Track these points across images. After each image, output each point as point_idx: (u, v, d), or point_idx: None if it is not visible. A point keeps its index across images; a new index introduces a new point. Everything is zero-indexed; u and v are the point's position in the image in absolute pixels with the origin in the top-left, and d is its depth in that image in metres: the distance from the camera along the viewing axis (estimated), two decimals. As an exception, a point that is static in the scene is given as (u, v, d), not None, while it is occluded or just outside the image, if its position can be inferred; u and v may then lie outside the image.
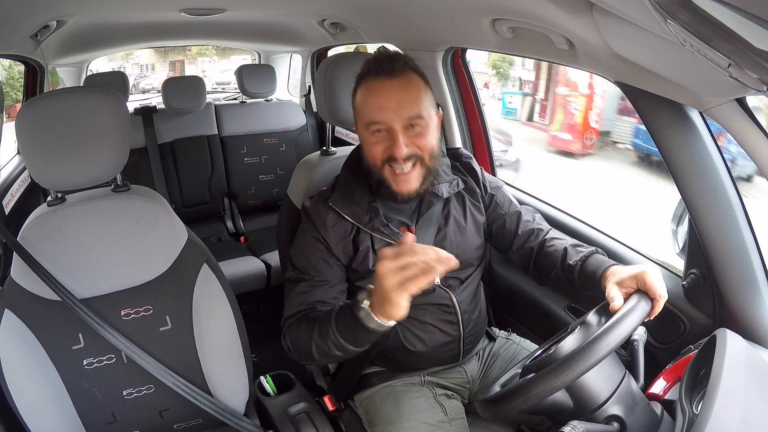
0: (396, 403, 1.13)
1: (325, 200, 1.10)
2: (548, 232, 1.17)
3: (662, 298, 0.82)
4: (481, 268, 1.21)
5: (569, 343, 0.83)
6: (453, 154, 1.22)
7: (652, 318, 0.84)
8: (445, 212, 1.14)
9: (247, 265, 2.18)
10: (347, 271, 1.11)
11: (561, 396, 0.81)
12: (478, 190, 1.19)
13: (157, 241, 1.12)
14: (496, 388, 0.92)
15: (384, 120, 0.99)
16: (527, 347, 1.26)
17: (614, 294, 0.85)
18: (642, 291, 0.83)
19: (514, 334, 1.32)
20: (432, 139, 1.03)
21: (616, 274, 0.89)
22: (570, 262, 1.04)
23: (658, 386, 0.89)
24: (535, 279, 1.17)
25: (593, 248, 1.05)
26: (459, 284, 1.16)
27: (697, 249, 1.02)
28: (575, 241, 1.11)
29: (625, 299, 0.83)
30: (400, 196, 1.04)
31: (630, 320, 0.76)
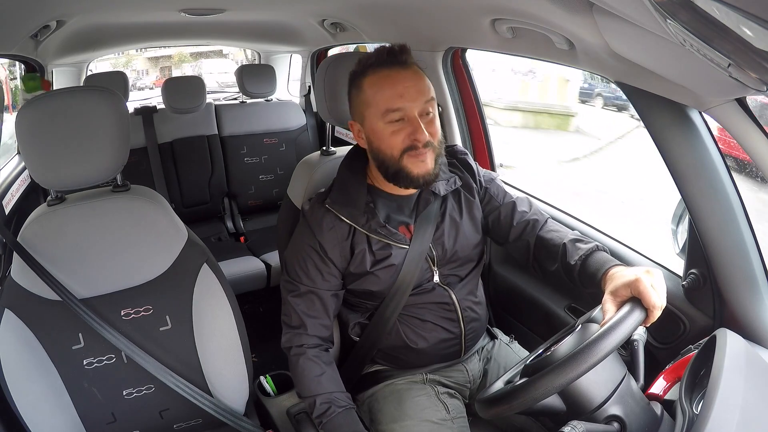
0: (398, 402, 1.13)
1: (323, 202, 1.11)
2: (545, 223, 1.16)
3: (656, 308, 0.80)
4: (481, 265, 1.21)
5: (565, 346, 0.83)
6: (449, 151, 1.21)
7: (648, 325, 0.83)
8: (443, 210, 1.14)
9: (247, 265, 2.18)
10: (344, 276, 1.12)
11: (555, 399, 0.81)
12: (475, 186, 1.18)
13: (157, 241, 1.12)
14: (495, 389, 0.92)
15: (404, 106, 1.01)
16: (528, 349, 1.26)
17: (607, 306, 0.84)
18: (637, 299, 0.82)
19: (516, 342, 1.30)
20: (439, 126, 1.07)
21: (614, 280, 0.88)
22: (570, 262, 1.02)
23: (658, 386, 0.89)
24: (537, 273, 1.16)
25: (593, 244, 1.03)
26: (458, 281, 1.16)
27: (697, 249, 1.02)
28: (574, 235, 1.09)
29: (620, 307, 0.82)
30: (422, 179, 1.04)
31: (621, 330, 0.75)
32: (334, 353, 1.22)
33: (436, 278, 1.13)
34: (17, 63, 2.21)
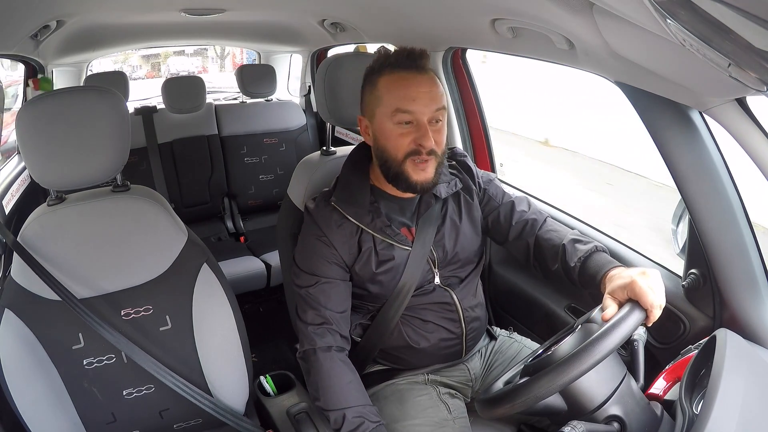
0: (400, 402, 1.13)
1: (328, 201, 1.10)
2: (544, 222, 1.16)
3: (654, 307, 0.80)
4: (480, 266, 1.21)
5: (566, 346, 0.83)
6: (448, 153, 1.22)
7: (649, 325, 0.83)
8: (443, 212, 1.14)
9: (247, 265, 2.18)
10: (350, 273, 1.11)
11: (555, 399, 0.81)
12: (474, 188, 1.19)
13: (157, 240, 1.12)
14: (495, 389, 0.92)
15: (415, 110, 1.00)
16: (529, 345, 1.26)
17: (608, 303, 0.85)
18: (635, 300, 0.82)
19: (516, 333, 1.31)
20: (446, 135, 1.06)
21: (612, 281, 0.89)
22: (570, 263, 1.03)
23: (658, 386, 0.89)
24: (538, 272, 1.16)
25: (592, 245, 1.03)
26: (458, 282, 1.16)
27: (697, 249, 1.02)
28: (574, 234, 1.09)
29: (620, 307, 0.83)
30: (420, 186, 1.04)
31: (620, 330, 0.76)
32: None
33: (437, 280, 1.13)
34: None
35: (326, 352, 1.04)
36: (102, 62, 3.54)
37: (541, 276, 1.18)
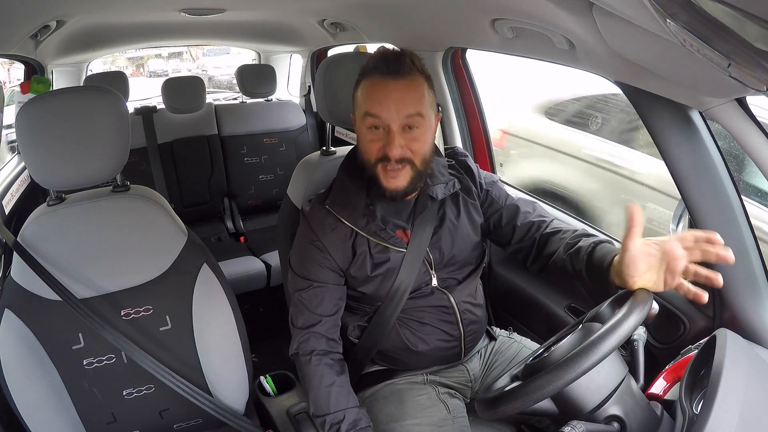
0: (399, 402, 1.13)
1: (323, 203, 1.10)
2: (551, 222, 1.14)
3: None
4: (480, 268, 1.21)
5: (566, 345, 0.83)
6: (449, 153, 1.21)
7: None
8: (441, 213, 1.13)
9: (247, 265, 2.18)
10: (345, 276, 1.11)
11: (546, 403, 0.81)
12: (475, 189, 1.17)
13: (157, 240, 1.12)
14: (495, 389, 0.92)
15: (381, 115, 0.99)
16: (529, 346, 1.25)
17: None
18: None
19: (515, 333, 1.31)
20: (427, 142, 1.03)
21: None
22: (577, 254, 0.99)
23: (658, 386, 0.89)
24: (542, 271, 1.12)
25: (600, 237, 1.01)
26: (457, 284, 1.15)
27: (697, 249, 1.02)
28: (580, 231, 1.06)
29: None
30: (389, 192, 1.04)
31: (619, 332, 0.74)
32: None
33: (435, 282, 1.13)
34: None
35: (307, 355, 1.06)
36: (94, 63, 3.56)
37: (544, 276, 1.17)
